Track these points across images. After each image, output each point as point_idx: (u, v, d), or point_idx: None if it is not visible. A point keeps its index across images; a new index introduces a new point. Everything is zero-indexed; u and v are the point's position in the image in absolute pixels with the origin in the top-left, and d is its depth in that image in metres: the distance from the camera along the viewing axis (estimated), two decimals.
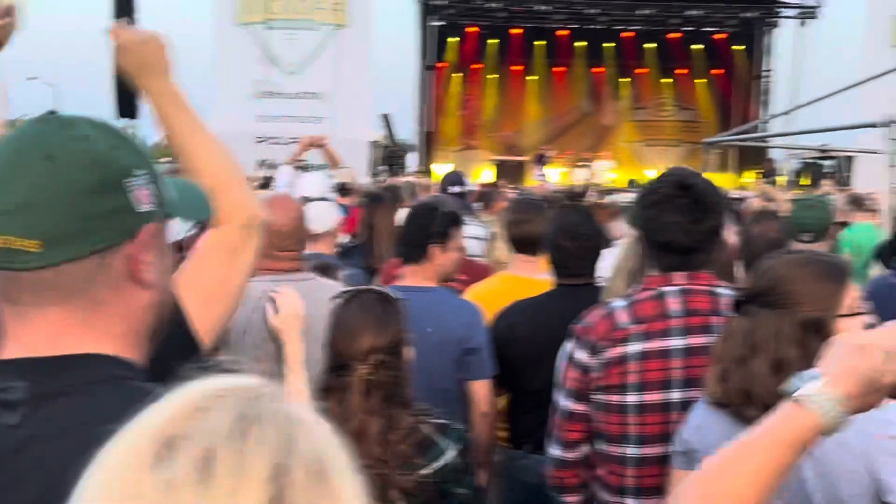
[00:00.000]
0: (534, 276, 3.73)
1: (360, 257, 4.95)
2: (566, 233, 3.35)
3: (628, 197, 9.25)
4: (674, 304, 2.43)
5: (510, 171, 24.58)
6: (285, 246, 3.06)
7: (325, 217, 4.42)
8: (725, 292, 2.45)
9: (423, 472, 2.33)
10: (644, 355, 2.41)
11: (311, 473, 0.64)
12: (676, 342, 2.41)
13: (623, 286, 2.92)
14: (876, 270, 3.93)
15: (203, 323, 1.54)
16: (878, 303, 3.11)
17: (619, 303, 2.50)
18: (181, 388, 0.66)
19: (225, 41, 22.44)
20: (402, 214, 6.51)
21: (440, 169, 27.72)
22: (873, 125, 3.97)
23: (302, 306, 2.77)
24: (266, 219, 1.82)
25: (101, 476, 0.62)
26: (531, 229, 3.74)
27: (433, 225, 3.38)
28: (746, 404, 2.03)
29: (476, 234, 5.43)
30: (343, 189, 6.86)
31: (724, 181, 24.89)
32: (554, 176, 24.63)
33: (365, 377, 2.33)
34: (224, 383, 0.67)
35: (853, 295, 2.04)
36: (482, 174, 26.68)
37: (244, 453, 0.61)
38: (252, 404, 0.65)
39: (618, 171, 27.16)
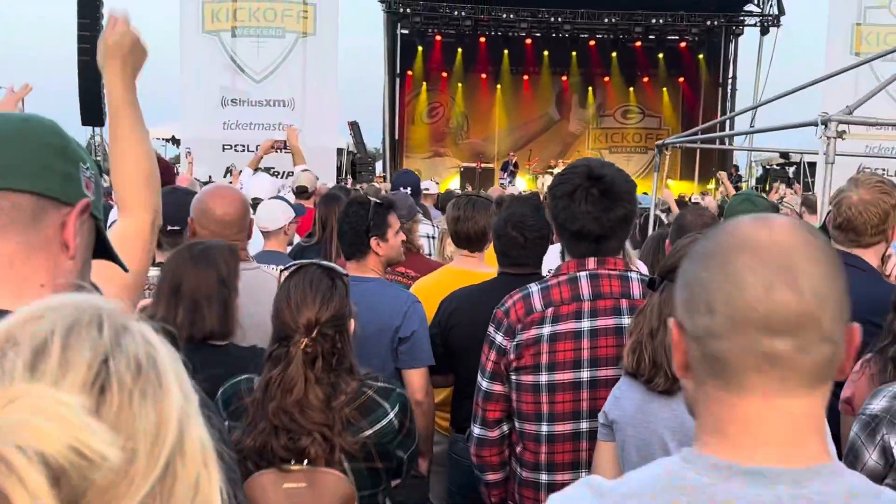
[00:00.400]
0: (477, 269, 3.86)
1: (314, 257, 5.03)
2: (514, 223, 3.42)
3: None
4: (585, 288, 2.56)
5: (478, 179, 24.75)
6: (228, 235, 3.16)
7: (275, 215, 4.53)
8: (636, 276, 2.60)
9: (366, 433, 2.45)
10: (555, 337, 2.54)
11: (136, 366, 0.73)
12: (586, 324, 2.54)
13: None
14: None
15: None
16: None
17: (534, 287, 2.63)
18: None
19: (191, 49, 22.40)
20: None
21: None
22: (815, 124, 4.12)
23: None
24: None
25: None
26: (474, 226, 3.87)
27: (367, 219, 3.50)
28: (656, 375, 2.18)
29: (428, 233, 5.57)
30: (303, 190, 6.94)
31: (686, 188, 25.28)
32: (521, 183, 24.83)
33: (307, 348, 2.43)
34: (68, 297, 0.77)
35: None
36: (450, 182, 26.86)
37: (71, 347, 0.71)
38: (88, 313, 0.75)
39: None
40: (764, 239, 1.09)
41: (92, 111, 18.84)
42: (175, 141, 24.43)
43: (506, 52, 27.72)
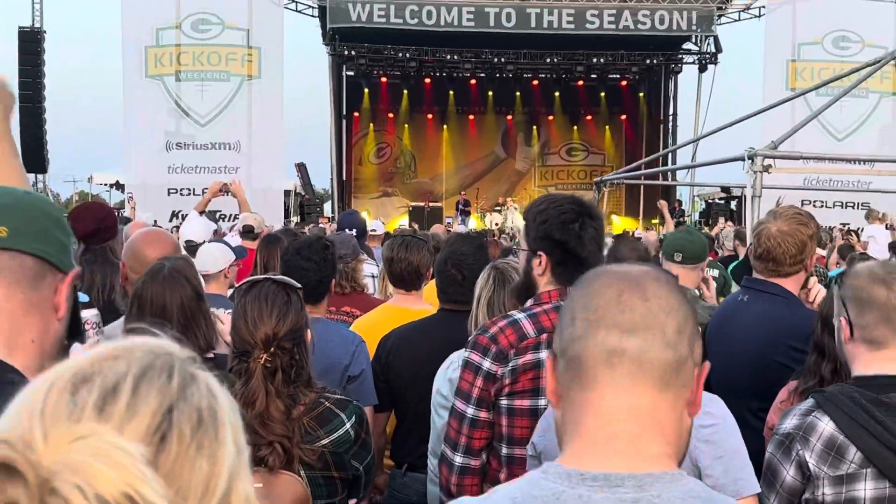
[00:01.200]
0: (414, 307, 3.90)
1: None
2: (454, 261, 3.47)
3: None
4: None
5: (427, 217, 24.87)
6: None
7: (215, 258, 4.51)
8: None
9: (323, 441, 2.48)
10: None
11: (197, 417, 0.76)
12: None
13: (485, 314, 3.05)
14: None
15: None
16: (721, 318, 3.37)
17: (520, 315, 2.62)
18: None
19: (134, 94, 22.27)
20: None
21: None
22: (742, 159, 4.26)
23: None
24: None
25: (27, 395, 0.74)
26: (408, 266, 3.91)
27: (333, 264, 3.55)
28: None
29: (372, 273, 5.59)
30: (248, 230, 6.90)
31: (631, 224, 25.70)
32: (470, 222, 25.04)
33: (267, 363, 2.45)
34: (143, 341, 0.81)
35: None
36: (399, 221, 26.95)
37: (140, 392, 0.74)
38: (161, 359, 0.79)
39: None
40: (622, 269, 1.31)
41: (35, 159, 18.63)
42: (119, 186, 24.15)
43: (451, 92, 28.11)
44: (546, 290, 2.63)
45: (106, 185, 25.47)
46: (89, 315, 2.83)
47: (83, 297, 3.64)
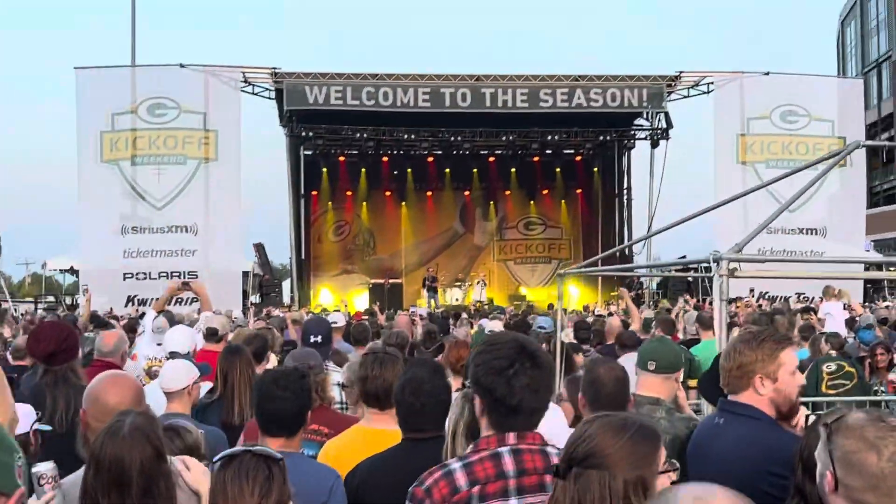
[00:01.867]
0: (388, 428, 3.78)
1: (216, 415, 4.84)
2: (411, 389, 3.37)
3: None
4: (509, 465, 2.53)
5: (387, 294, 24.81)
6: None
7: (178, 374, 4.39)
8: (554, 451, 2.58)
9: None
10: None
11: None
12: (514, 502, 2.50)
13: (462, 444, 2.98)
14: None
15: None
16: (698, 443, 3.31)
17: (455, 464, 2.58)
18: None
19: (89, 178, 22.08)
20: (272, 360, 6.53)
21: (324, 294, 27.73)
22: (707, 261, 4.26)
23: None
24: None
25: None
26: (382, 384, 3.80)
27: (309, 393, 3.45)
28: None
29: (339, 381, 5.46)
30: (213, 333, 6.75)
31: (590, 297, 25.83)
32: (433, 299, 25.03)
33: None
34: None
35: (663, 454, 2.21)
36: (360, 295, 26.87)
37: None
38: None
39: (490, 290, 27.92)
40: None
41: None
42: (73, 271, 23.77)
43: (409, 169, 28.35)
44: (485, 434, 2.62)
45: (59, 269, 25.08)
46: (45, 469, 2.69)
47: (45, 427, 3.49)
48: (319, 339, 5.49)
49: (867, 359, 7.80)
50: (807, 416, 3.12)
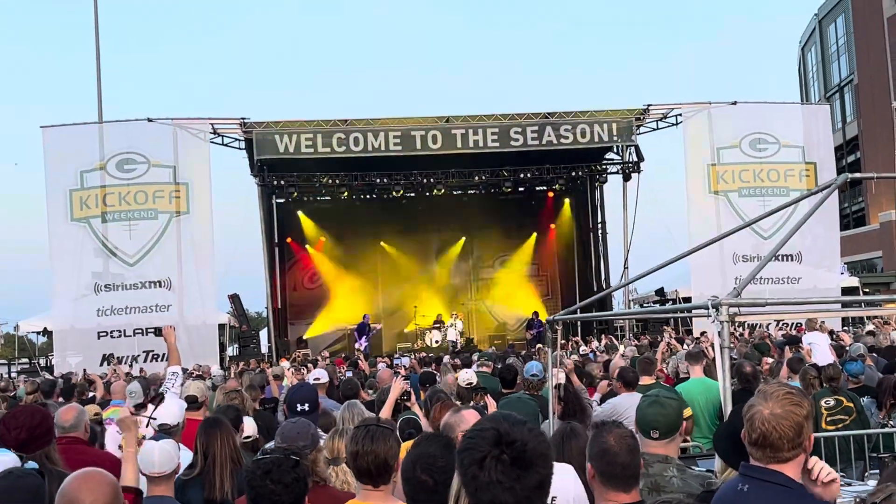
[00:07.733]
0: None
1: (197, 492, 4.62)
2: (423, 466, 3.18)
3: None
4: None
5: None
6: None
7: (162, 459, 4.19)
8: None
9: None
10: None
11: None
12: None
13: None
14: None
15: None
16: None
17: None
18: None
19: (59, 237, 21.78)
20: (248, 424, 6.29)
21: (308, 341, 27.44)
22: (706, 307, 4.13)
23: None
24: None
25: None
26: (374, 459, 3.62)
27: (306, 480, 3.30)
28: None
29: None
30: (192, 400, 6.53)
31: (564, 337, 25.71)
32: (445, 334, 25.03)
33: None
34: None
35: None
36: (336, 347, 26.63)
37: None
38: None
39: (470, 329, 27.78)
40: None
41: None
42: (46, 332, 23.32)
43: (383, 213, 28.20)
44: None
45: (32, 332, 24.62)
46: None
47: None
48: (307, 406, 5.29)
49: (887, 396, 7.47)
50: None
